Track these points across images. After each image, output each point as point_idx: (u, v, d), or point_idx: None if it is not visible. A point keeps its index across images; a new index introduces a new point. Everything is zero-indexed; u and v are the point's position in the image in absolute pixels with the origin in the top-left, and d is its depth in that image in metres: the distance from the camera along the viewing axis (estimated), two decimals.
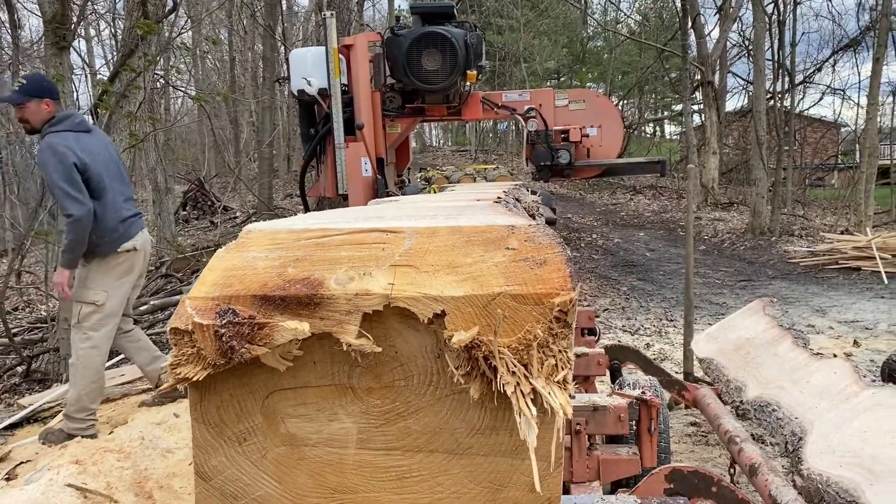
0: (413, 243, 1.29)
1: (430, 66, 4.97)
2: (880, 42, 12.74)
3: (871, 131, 13.02)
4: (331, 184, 5.30)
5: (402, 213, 1.70)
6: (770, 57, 15.98)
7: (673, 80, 25.70)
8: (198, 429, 1.28)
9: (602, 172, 5.66)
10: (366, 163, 5.13)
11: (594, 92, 6.90)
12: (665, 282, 9.76)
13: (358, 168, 5.15)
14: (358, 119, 5.07)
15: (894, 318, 7.29)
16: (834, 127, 26.17)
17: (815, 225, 14.72)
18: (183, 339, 1.20)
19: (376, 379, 1.25)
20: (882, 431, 2.34)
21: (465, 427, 1.24)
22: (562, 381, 1.11)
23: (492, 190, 3.06)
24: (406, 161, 6.16)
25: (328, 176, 5.34)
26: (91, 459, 3.22)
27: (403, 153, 6.12)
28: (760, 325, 3.73)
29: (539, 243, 1.24)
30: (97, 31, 17.48)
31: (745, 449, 2.78)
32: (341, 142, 5.09)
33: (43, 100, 3.95)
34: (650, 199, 18.75)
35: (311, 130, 5.42)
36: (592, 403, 2.39)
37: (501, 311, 1.14)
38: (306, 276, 1.25)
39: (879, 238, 10.10)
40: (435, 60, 4.96)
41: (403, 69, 5.06)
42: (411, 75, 5.06)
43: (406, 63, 5.02)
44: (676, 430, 4.25)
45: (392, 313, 1.21)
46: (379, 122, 5.37)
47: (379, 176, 5.21)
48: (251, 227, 1.45)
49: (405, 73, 5.08)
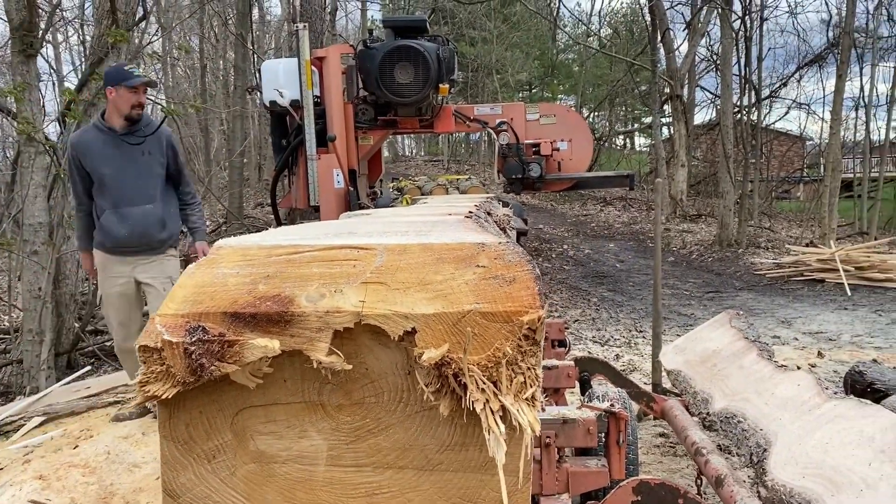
0: (384, 260, 1.30)
1: (402, 80, 5.00)
2: (843, 60, 13.05)
3: (834, 146, 13.32)
4: (302, 195, 5.29)
5: (373, 228, 1.70)
6: (737, 72, 16.29)
7: (643, 94, 26.01)
8: (166, 446, 1.28)
9: (572, 186, 5.76)
10: (338, 174, 5.14)
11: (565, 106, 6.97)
12: (634, 293, 9.86)
13: (330, 180, 5.15)
14: (330, 131, 5.07)
15: (857, 329, 7.45)
16: (799, 140, 26.72)
17: (781, 237, 14.99)
18: (152, 357, 1.20)
19: (347, 396, 1.26)
20: (843, 443, 2.39)
21: (434, 443, 1.25)
22: (530, 398, 1.13)
23: (463, 203, 3.08)
24: (378, 172, 6.16)
25: (300, 187, 5.32)
26: (55, 475, 3.17)
27: (375, 165, 6.12)
28: (727, 338, 3.80)
29: (508, 261, 1.25)
30: (65, 36, 17.23)
31: (711, 461, 2.82)
32: (313, 153, 5.10)
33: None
34: (620, 210, 18.95)
35: (283, 141, 5.41)
36: (562, 416, 2.41)
37: (471, 328, 1.15)
38: (277, 293, 1.25)
39: (843, 251, 10.32)
40: (407, 74, 5.00)
41: (376, 82, 5.09)
42: (384, 88, 5.09)
43: (379, 76, 5.05)
44: (645, 441, 4.29)
45: (363, 330, 1.21)
46: (351, 134, 5.38)
47: (351, 188, 5.21)
48: (222, 242, 1.45)
49: (378, 85, 5.11)
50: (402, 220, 2.04)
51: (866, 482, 2.18)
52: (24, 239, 5.32)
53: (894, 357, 6.21)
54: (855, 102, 19.24)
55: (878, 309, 8.42)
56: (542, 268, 11.73)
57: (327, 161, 5.15)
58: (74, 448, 3.65)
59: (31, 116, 5.03)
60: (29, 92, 5.01)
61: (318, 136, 5.08)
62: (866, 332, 7.31)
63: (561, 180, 5.54)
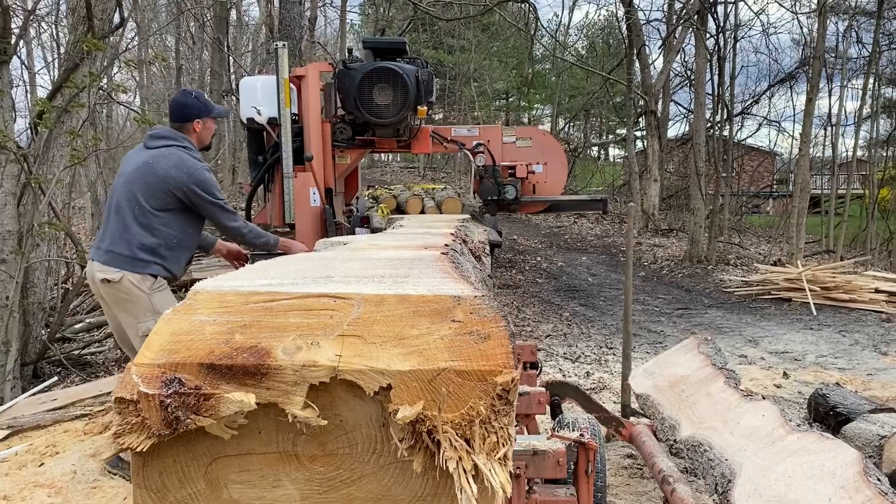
0: (361, 312, 1.31)
1: (381, 101, 4.98)
2: (813, 84, 13.32)
3: (803, 167, 13.58)
4: (278, 213, 5.22)
5: (350, 269, 1.71)
6: (710, 89, 16.55)
7: (617, 105, 26.32)
8: (139, 494, 1.28)
9: (546, 208, 5.77)
10: (314, 193, 5.09)
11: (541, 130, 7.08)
12: (606, 308, 9.96)
13: (306, 198, 5.11)
14: (308, 150, 5.02)
15: (821, 349, 7.60)
16: (770, 156, 27.22)
17: (751, 254, 15.23)
18: (128, 409, 1.20)
19: (321, 447, 1.27)
20: (805, 477, 2.45)
21: (407, 494, 1.27)
22: (503, 457, 1.15)
23: (440, 230, 3.10)
24: (354, 190, 6.14)
25: (275, 205, 5.25)
26: (20, 495, 3.13)
27: (352, 183, 6.11)
28: (695, 363, 3.86)
29: (483, 316, 1.27)
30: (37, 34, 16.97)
31: (677, 489, 2.87)
32: (290, 172, 5.05)
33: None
34: (593, 222, 19.12)
35: (259, 158, 5.32)
36: (532, 447, 2.44)
37: (445, 388, 1.17)
38: (254, 344, 1.26)
39: (809, 271, 10.52)
40: (386, 95, 4.97)
41: (354, 102, 5.04)
42: (362, 109, 5.04)
43: (357, 96, 5.01)
44: (613, 463, 4.34)
45: (339, 384, 1.23)
46: (328, 153, 5.34)
47: (327, 206, 5.16)
48: (199, 286, 1.45)
49: (356, 106, 5.06)
50: (378, 256, 2.06)
51: None
52: None
53: (856, 379, 6.35)
54: (823, 121, 19.68)
55: (843, 329, 8.60)
56: (514, 280, 11.80)
57: (303, 179, 5.11)
58: (40, 465, 3.60)
59: (2, 124, 4.96)
60: (2, 99, 4.94)
61: (295, 154, 5.04)
62: (830, 352, 7.46)
63: (535, 202, 5.57)
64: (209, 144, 3.99)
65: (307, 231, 5.02)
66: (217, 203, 3.74)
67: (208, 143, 3.98)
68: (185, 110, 3.80)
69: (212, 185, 3.76)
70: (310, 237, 4.90)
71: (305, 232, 4.99)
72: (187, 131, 3.79)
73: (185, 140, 3.76)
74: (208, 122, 3.86)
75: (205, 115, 3.83)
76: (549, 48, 28.01)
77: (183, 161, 3.67)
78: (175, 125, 3.81)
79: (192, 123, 3.79)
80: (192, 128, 3.80)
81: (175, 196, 3.63)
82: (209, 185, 3.73)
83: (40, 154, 5.54)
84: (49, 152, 5.60)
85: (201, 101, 3.90)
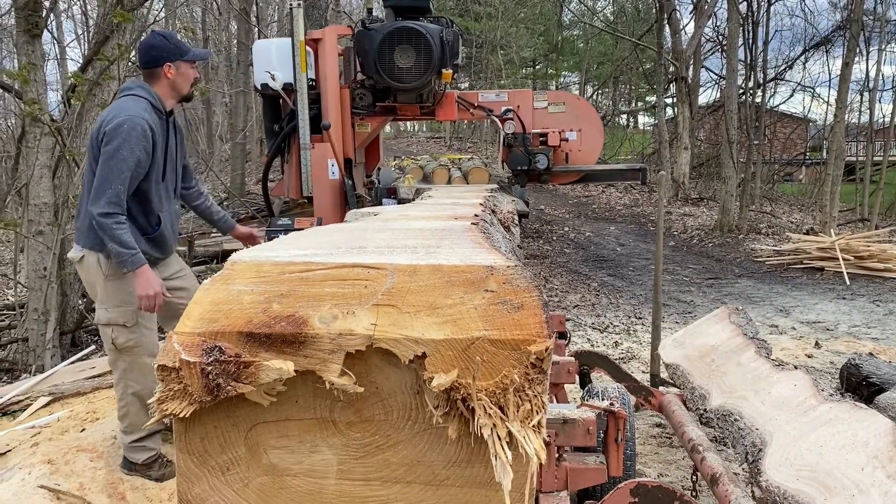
0: (395, 282, 1.32)
1: (402, 64, 4.69)
2: (850, 47, 12.96)
3: (838, 133, 13.28)
4: (295, 185, 4.97)
5: (382, 240, 1.73)
6: (743, 54, 16.19)
7: (647, 72, 25.88)
8: (182, 458, 1.32)
9: (580, 178, 5.40)
10: (333, 165, 4.87)
11: (574, 95, 6.78)
12: (635, 278, 9.91)
13: (324, 170, 4.87)
14: (325, 118, 4.81)
15: (854, 319, 7.50)
16: (803, 122, 26.62)
17: (782, 223, 15.00)
18: (170, 376, 1.24)
19: (357, 413, 1.30)
20: (837, 446, 2.44)
21: (441, 460, 1.30)
22: (537, 425, 1.17)
23: (469, 199, 3.10)
24: (376, 161, 5.82)
25: (293, 177, 5.01)
26: (63, 458, 3.23)
27: (373, 153, 5.80)
28: (725, 333, 3.84)
29: (517, 286, 1.28)
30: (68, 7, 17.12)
31: (707, 458, 2.88)
32: (307, 142, 4.82)
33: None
34: (622, 192, 18.93)
35: (276, 126, 5.06)
36: (562, 416, 2.45)
37: (480, 356, 1.19)
38: (291, 313, 1.28)
39: (843, 239, 10.34)
40: (408, 57, 4.69)
41: (374, 65, 4.73)
42: (383, 72, 4.73)
43: (377, 59, 4.70)
44: (642, 432, 4.35)
45: (374, 352, 1.25)
46: (347, 121, 5.06)
47: (347, 178, 4.94)
48: (236, 257, 1.47)
49: (376, 69, 4.73)
50: (410, 226, 2.07)
51: (858, 487, 2.23)
52: (30, 219, 5.35)
53: (890, 349, 6.26)
54: (860, 86, 19.15)
55: (877, 299, 8.47)
56: (542, 251, 11.77)
57: (321, 150, 4.86)
58: (82, 431, 3.72)
59: (36, 97, 5.03)
60: (34, 72, 5.01)
61: (313, 122, 4.80)
62: (863, 322, 7.36)
63: (568, 172, 5.24)
64: (189, 93, 3.37)
65: (326, 204, 4.83)
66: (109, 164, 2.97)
67: (187, 92, 3.35)
68: (152, 52, 3.21)
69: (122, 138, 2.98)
70: (329, 211, 4.79)
71: (324, 205, 4.82)
72: (156, 78, 3.23)
73: (142, 89, 3.19)
74: (182, 66, 3.26)
75: (176, 58, 3.23)
76: (578, 14, 27.58)
77: (112, 108, 3.14)
78: (144, 72, 3.26)
79: (162, 68, 3.21)
80: (161, 73, 3.22)
81: None
82: (117, 135, 2.98)
83: (73, 127, 5.61)
84: (82, 125, 5.67)
85: (172, 41, 3.28)
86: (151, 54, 3.21)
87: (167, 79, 3.23)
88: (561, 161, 5.14)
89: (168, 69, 3.21)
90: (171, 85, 3.25)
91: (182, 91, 3.32)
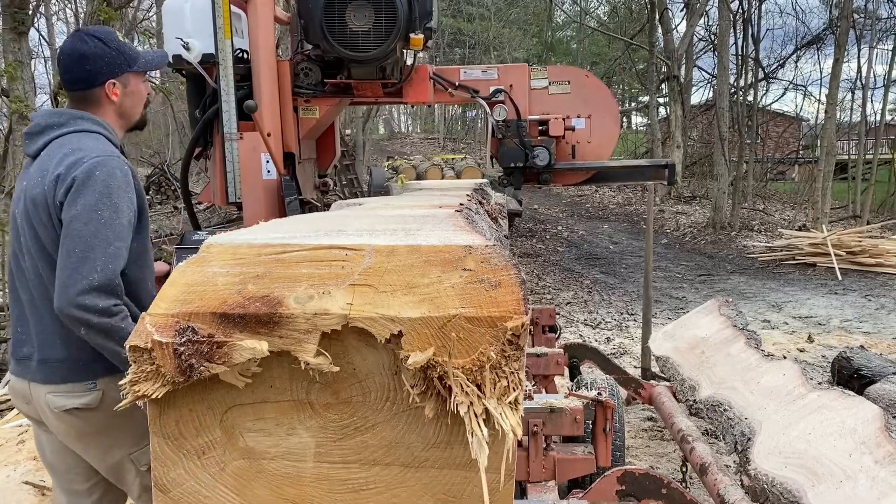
0: (372, 262, 1.31)
1: (357, 26, 3.45)
2: (840, 44, 13.01)
3: (829, 130, 13.33)
4: (220, 188, 3.75)
5: (363, 225, 1.71)
6: (734, 53, 16.25)
7: (640, 72, 25.94)
8: (157, 442, 1.30)
9: (590, 178, 4.18)
10: (268, 161, 3.67)
11: (582, 70, 4.49)
12: (627, 275, 9.92)
13: (256, 168, 3.67)
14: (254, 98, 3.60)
15: (846, 314, 7.52)
16: (795, 121, 26.73)
17: (775, 220, 15.04)
18: (142, 357, 1.22)
19: (334, 395, 1.28)
20: (825, 434, 2.44)
21: (420, 441, 1.28)
22: (513, 402, 1.15)
23: (458, 191, 3.09)
24: (331, 156, 4.41)
25: (217, 177, 3.79)
26: None
27: (327, 146, 4.37)
28: (715, 325, 3.84)
29: (494, 265, 1.27)
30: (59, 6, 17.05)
31: (696, 448, 2.87)
32: (233, 131, 3.60)
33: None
34: (615, 191, 18.96)
35: (197, 112, 3.84)
36: (549, 405, 2.45)
37: (456, 333, 1.17)
38: (266, 293, 1.26)
39: (835, 235, 10.37)
40: (365, 17, 3.46)
41: (321, 29, 3.47)
42: (331, 38, 3.47)
43: (324, 20, 3.45)
44: (633, 425, 4.35)
45: (350, 332, 1.23)
46: (288, 104, 3.79)
47: (286, 177, 3.73)
48: (212, 240, 1.46)
49: (323, 35, 3.47)
50: (393, 213, 2.06)
51: (846, 473, 2.22)
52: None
53: (882, 343, 6.28)
54: (851, 84, 19.24)
55: (868, 294, 8.49)
56: (535, 249, 11.77)
57: (252, 142, 3.64)
58: None
59: (23, 94, 5.01)
60: (21, 70, 4.98)
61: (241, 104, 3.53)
62: (855, 316, 7.38)
63: (576, 171, 4.05)
64: (142, 120, 2.36)
65: (259, 213, 3.69)
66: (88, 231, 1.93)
67: (139, 119, 2.33)
68: (84, 66, 2.13)
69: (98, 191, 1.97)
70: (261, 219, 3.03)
71: (257, 214, 3.67)
72: (94, 103, 2.16)
73: (87, 121, 2.13)
74: (132, 80, 2.22)
75: (122, 71, 2.17)
76: (571, 14, 27.63)
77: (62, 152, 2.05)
78: (74, 95, 2.18)
79: (103, 88, 2.15)
80: (101, 95, 2.16)
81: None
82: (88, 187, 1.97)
83: None
84: None
85: (112, 45, 2.17)
86: (84, 68, 2.13)
87: (111, 102, 2.18)
88: (566, 156, 4.03)
89: (111, 88, 2.16)
90: (118, 111, 2.22)
91: (132, 117, 2.28)
